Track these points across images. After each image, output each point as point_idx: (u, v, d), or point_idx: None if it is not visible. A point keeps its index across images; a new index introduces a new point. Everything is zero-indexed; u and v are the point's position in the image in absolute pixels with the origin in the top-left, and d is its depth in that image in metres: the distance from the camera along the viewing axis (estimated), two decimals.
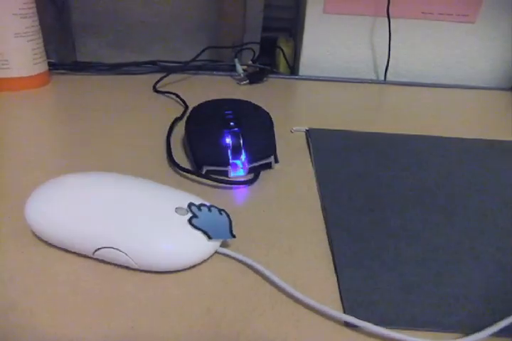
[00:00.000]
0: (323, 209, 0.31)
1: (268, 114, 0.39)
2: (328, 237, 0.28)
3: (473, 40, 0.72)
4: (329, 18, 0.68)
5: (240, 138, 0.35)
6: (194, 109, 0.39)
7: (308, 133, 0.44)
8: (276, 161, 0.37)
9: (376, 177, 0.36)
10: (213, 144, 0.35)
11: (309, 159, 0.39)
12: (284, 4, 0.78)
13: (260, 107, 0.40)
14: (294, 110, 0.52)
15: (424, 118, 0.52)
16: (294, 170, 0.37)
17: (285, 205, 0.31)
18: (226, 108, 0.37)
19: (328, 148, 0.41)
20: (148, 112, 0.48)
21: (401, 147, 0.43)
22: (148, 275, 0.24)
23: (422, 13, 0.70)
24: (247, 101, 0.40)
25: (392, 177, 0.36)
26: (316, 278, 0.24)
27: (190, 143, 0.37)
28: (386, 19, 0.68)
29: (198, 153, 0.35)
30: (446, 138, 0.46)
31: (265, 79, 0.62)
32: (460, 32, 0.71)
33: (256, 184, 0.34)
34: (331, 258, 0.26)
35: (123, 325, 0.20)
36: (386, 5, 0.66)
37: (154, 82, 0.56)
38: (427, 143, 0.45)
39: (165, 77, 0.58)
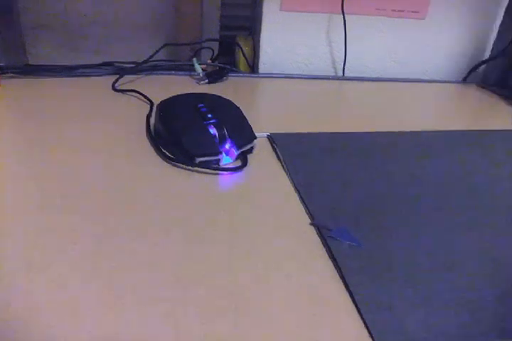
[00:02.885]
0: (310, 215, 0.30)
1: (234, 103, 0.41)
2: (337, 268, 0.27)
3: (425, 35, 0.73)
4: (286, 16, 0.67)
5: (222, 129, 0.36)
6: (162, 104, 0.39)
7: (272, 138, 0.42)
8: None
9: (355, 178, 0.35)
10: (202, 136, 0.36)
11: (279, 167, 0.37)
12: (241, 2, 0.77)
13: (224, 98, 0.42)
14: (256, 110, 0.51)
15: (384, 114, 0.52)
16: (268, 182, 0.35)
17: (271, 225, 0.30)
18: (197, 101, 0.38)
19: (296, 154, 0.39)
20: (111, 112, 0.46)
21: (369, 144, 0.43)
22: None
23: (376, 9, 0.71)
24: (212, 94, 0.42)
25: (370, 177, 0.36)
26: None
27: (175, 137, 0.36)
28: (341, 16, 0.68)
29: (189, 146, 0.35)
30: (408, 132, 0.46)
31: (225, 78, 0.61)
32: (412, 28, 0.72)
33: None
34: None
35: None
36: (341, 2, 0.66)
37: (111, 83, 0.54)
38: (393, 139, 0.44)
39: (121, 77, 0.55)
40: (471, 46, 0.75)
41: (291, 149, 0.39)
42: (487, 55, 0.73)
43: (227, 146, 0.35)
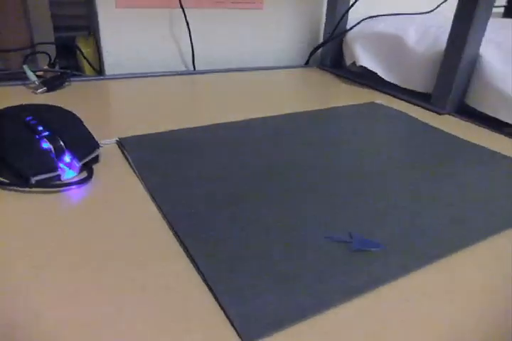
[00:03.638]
0: (170, 223, 0.29)
1: (70, 111, 0.38)
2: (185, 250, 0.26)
3: (265, 24, 0.77)
4: (125, 12, 0.64)
5: (58, 141, 0.33)
6: None
7: (121, 143, 0.40)
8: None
9: (212, 173, 0.35)
10: (34, 153, 0.32)
11: (131, 173, 0.35)
12: (72, 0, 0.71)
13: (57, 106, 0.38)
14: (104, 114, 0.48)
15: (237, 104, 0.54)
16: (120, 191, 0.34)
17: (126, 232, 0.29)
18: (24, 115, 0.35)
19: (149, 156, 0.37)
20: None
21: (223, 135, 0.43)
22: None
23: (216, 2, 0.72)
24: (43, 104, 0.38)
25: (227, 168, 0.36)
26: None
27: (2, 158, 0.32)
28: (181, 10, 0.67)
29: (21, 166, 0.32)
30: (260, 118, 0.48)
31: (66, 84, 0.56)
32: (253, 18, 0.75)
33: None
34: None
35: None
36: None
37: None
38: (247, 127, 0.46)
39: None
40: (307, 32, 0.81)
41: (143, 152, 0.38)
42: (322, 39, 0.79)
43: (67, 159, 0.33)
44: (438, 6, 0.74)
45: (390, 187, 0.35)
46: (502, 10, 0.77)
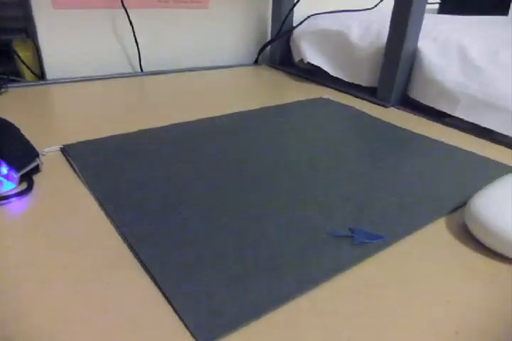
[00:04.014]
0: (121, 233, 0.28)
1: (3, 118, 0.35)
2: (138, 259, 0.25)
3: (211, 23, 0.76)
4: (64, 14, 0.61)
5: None
6: None
7: (66, 151, 0.38)
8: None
9: (160, 177, 0.34)
10: None
11: (78, 181, 0.34)
12: (6, 1, 0.67)
13: None
14: (46, 121, 0.46)
15: (186, 104, 0.53)
16: (66, 199, 0.32)
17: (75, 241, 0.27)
18: None
19: (95, 162, 0.36)
20: None
21: (171, 138, 0.42)
22: None
23: (158, 1, 0.70)
24: None
25: (176, 170, 0.35)
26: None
27: None
28: (124, 10, 0.65)
29: None
30: (212, 117, 0.48)
31: (3, 90, 0.53)
32: (197, 17, 0.74)
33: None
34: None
35: None
36: None
37: None
38: (200, 128, 0.45)
39: None
40: (255, 30, 0.82)
41: (89, 159, 0.37)
42: (270, 37, 0.80)
43: (3, 170, 0.31)
44: (379, 2, 0.77)
45: (338, 179, 0.36)
46: (437, 6, 0.81)
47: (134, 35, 0.67)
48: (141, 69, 0.69)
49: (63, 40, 0.62)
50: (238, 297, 0.23)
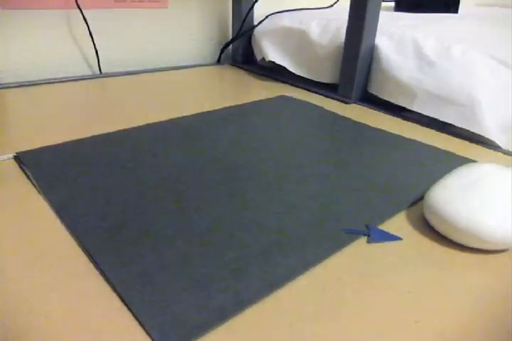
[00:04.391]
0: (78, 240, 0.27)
1: None
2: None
3: (172, 23, 0.75)
4: (14, 14, 0.59)
5: None
6: None
7: (19, 159, 0.36)
8: None
9: (119, 183, 0.33)
10: None
11: (33, 190, 0.32)
12: None
13: None
14: (0, 129, 0.44)
15: (148, 106, 0.52)
16: (19, 210, 0.31)
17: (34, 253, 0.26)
18: None
19: (51, 170, 0.35)
20: None
21: (134, 140, 0.41)
22: None
23: (115, 1, 0.69)
24: None
25: (136, 175, 0.34)
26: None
27: None
28: (79, 11, 0.63)
29: None
30: (176, 118, 0.47)
31: None
32: (157, 17, 0.73)
33: None
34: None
35: None
36: None
37: None
38: (161, 130, 0.44)
39: None
40: (216, 30, 0.81)
41: (44, 166, 0.35)
42: (231, 36, 0.79)
43: None
44: (337, 1, 0.78)
45: (301, 178, 0.36)
46: (393, 4, 0.83)
47: (91, 36, 0.65)
48: (100, 71, 0.67)
49: (14, 42, 0.60)
50: (202, 302, 0.22)
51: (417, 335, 0.21)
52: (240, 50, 0.76)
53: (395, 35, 0.56)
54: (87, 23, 0.64)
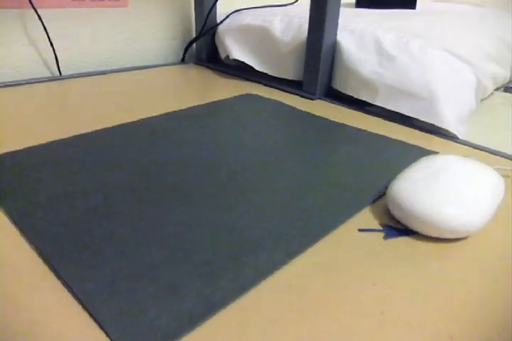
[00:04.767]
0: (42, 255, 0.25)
1: None
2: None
3: (132, 22, 0.73)
4: None
5: None
6: None
7: None
8: None
9: (80, 189, 0.32)
10: None
11: None
12: None
13: None
14: None
15: (112, 108, 0.51)
16: None
17: None
18: None
19: (11, 177, 0.33)
20: None
21: (96, 144, 0.40)
22: None
23: (73, 1, 0.66)
24: None
25: (103, 181, 0.33)
26: None
27: None
28: (33, 11, 0.61)
29: None
30: (140, 120, 0.46)
31: None
32: (117, 17, 0.71)
33: None
34: None
35: None
36: None
37: None
38: (123, 132, 0.43)
39: None
40: (179, 28, 0.80)
41: (4, 173, 0.34)
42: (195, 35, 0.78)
43: None
44: None
45: (266, 176, 0.36)
46: (353, 1, 0.84)
47: (48, 37, 0.62)
48: (60, 73, 0.65)
49: None
50: (171, 309, 0.21)
51: (383, 326, 0.21)
52: (204, 49, 0.75)
53: (356, 30, 0.56)
54: (43, 23, 0.61)
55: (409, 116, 0.50)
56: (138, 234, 0.27)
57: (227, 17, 0.71)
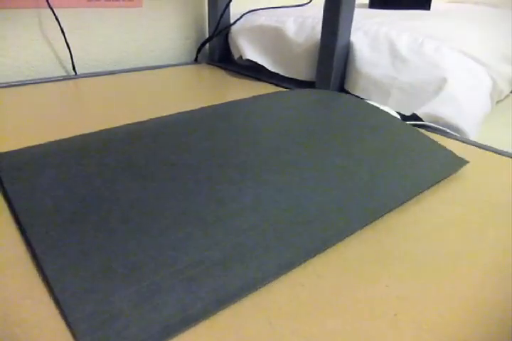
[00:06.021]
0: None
1: None
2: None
3: (147, 22, 0.73)
4: None
5: None
6: None
7: None
8: None
9: (93, 188, 0.32)
10: None
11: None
12: None
13: None
14: None
15: (127, 106, 0.51)
16: None
17: None
18: None
19: (23, 174, 0.33)
20: None
21: (111, 142, 0.40)
22: None
23: (88, 1, 0.67)
24: None
25: (112, 181, 0.33)
26: None
27: None
28: (50, 11, 0.61)
29: None
30: (158, 118, 0.46)
31: None
32: (131, 17, 0.71)
33: None
34: None
35: None
36: None
37: None
38: (139, 130, 0.43)
39: None
40: (192, 28, 0.80)
41: (15, 171, 0.34)
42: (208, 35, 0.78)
43: None
44: None
45: (281, 170, 0.35)
46: (367, 1, 0.83)
47: (64, 37, 0.63)
48: (75, 72, 0.65)
49: None
50: (146, 316, 0.20)
51: (396, 327, 0.21)
52: (217, 49, 0.75)
53: (370, 31, 0.56)
54: (59, 23, 0.62)
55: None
56: (125, 233, 0.27)
57: (240, 17, 0.71)
